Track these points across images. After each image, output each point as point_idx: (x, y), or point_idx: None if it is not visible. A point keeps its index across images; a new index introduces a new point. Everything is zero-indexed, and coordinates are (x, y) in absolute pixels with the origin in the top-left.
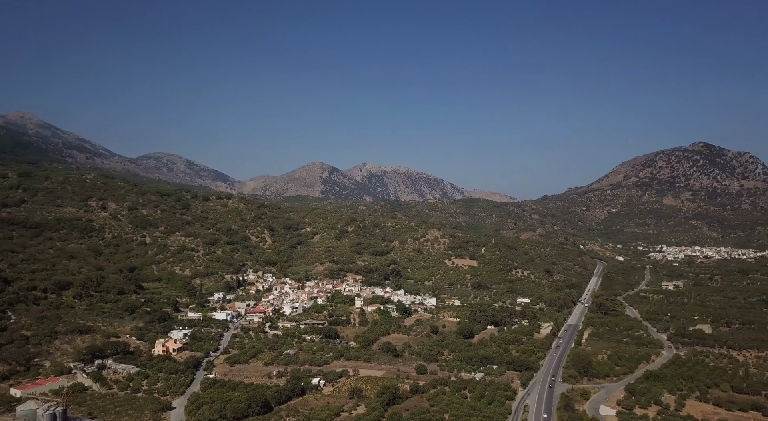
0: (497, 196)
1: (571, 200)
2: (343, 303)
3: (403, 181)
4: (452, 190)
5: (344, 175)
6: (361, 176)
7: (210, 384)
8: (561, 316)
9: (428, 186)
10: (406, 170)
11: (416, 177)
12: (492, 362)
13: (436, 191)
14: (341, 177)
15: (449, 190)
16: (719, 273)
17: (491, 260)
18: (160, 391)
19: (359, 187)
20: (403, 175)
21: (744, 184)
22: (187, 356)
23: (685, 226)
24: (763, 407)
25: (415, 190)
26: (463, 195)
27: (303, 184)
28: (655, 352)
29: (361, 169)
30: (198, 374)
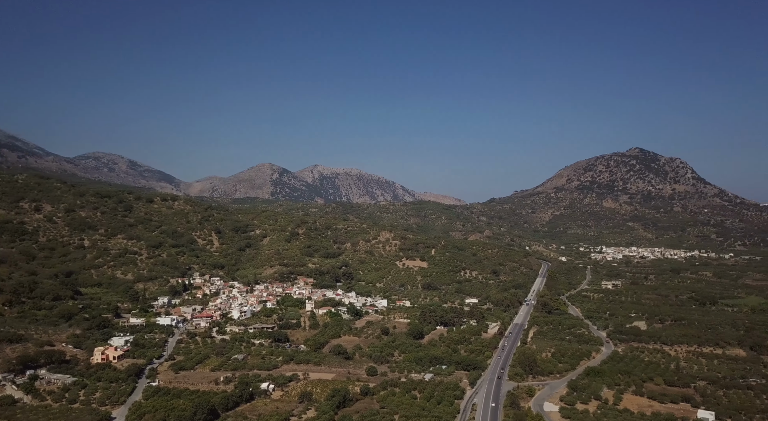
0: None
1: (517, 203)
2: (293, 306)
3: (354, 184)
4: (403, 192)
5: (295, 177)
6: (312, 178)
7: (153, 392)
8: (508, 315)
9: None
10: (358, 172)
11: (368, 179)
12: (441, 362)
13: (387, 193)
14: (292, 178)
15: (400, 192)
16: (654, 272)
17: (441, 261)
18: (98, 401)
19: (310, 189)
20: (355, 178)
21: (675, 188)
22: (129, 364)
23: (623, 227)
24: (692, 398)
25: (366, 193)
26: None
27: (252, 186)
28: (596, 349)
29: (313, 170)
30: (140, 383)
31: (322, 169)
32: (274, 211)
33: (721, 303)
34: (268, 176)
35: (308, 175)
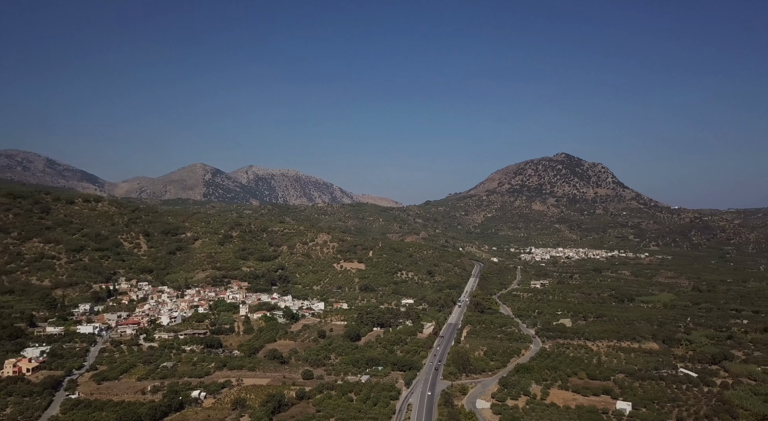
0: (384, 201)
1: (452, 205)
2: (226, 311)
3: (291, 185)
4: (341, 194)
5: (229, 178)
6: (247, 179)
7: (72, 405)
8: (442, 315)
9: (317, 190)
10: (295, 174)
11: (305, 181)
12: (378, 363)
13: (325, 195)
14: (225, 179)
15: (338, 194)
16: (578, 272)
17: (378, 262)
18: (9, 417)
19: (245, 190)
20: (292, 179)
21: (598, 192)
22: (45, 376)
23: (551, 229)
24: (611, 390)
25: (304, 194)
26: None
27: (183, 187)
28: (525, 346)
29: (248, 171)
30: (58, 396)
31: (257, 169)
32: (207, 213)
33: (638, 300)
34: (201, 177)
35: (243, 176)
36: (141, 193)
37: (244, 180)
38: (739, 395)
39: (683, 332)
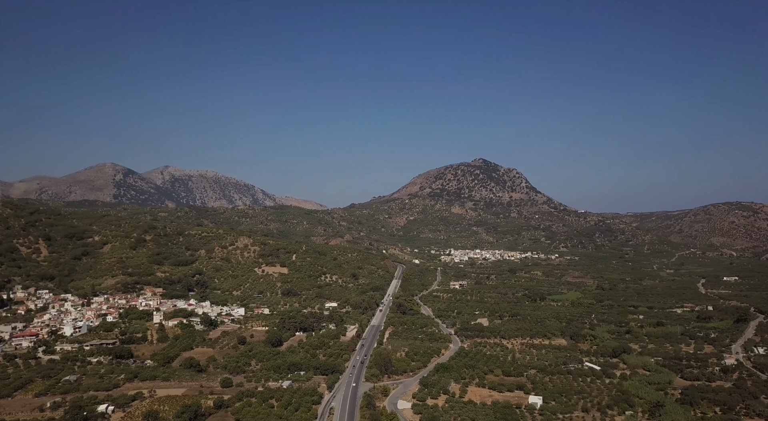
0: (308, 203)
1: (376, 208)
2: (138, 319)
3: (210, 186)
4: (264, 196)
5: (142, 179)
6: (162, 180)
7: None
8: (365, 318)
9: (238, 192)
10: (214, 175)
11: (225, 182)
12: (300, 368)
13: (246, 197)
14: (139, 180)
15: (260, 196)
16: (494, 272)
17: (302, 266)
18: None
19: (160, 192)
20: (211, 180)
21: (513, 196)
22: None
23: (469, 231)
24: (524, 386)
25: (224, 196)
26: (275, 202)
27: (91, 188)
28: (445, 346)
29: (163, 172)
30: None
31: (173, 170)
32: (117, 215)
33: (549, 299)
34: (111, 177)
35: (158, 177)
36: (41, 194)
37: (159, 181)
38: (635, 385)
39: (588, 328)
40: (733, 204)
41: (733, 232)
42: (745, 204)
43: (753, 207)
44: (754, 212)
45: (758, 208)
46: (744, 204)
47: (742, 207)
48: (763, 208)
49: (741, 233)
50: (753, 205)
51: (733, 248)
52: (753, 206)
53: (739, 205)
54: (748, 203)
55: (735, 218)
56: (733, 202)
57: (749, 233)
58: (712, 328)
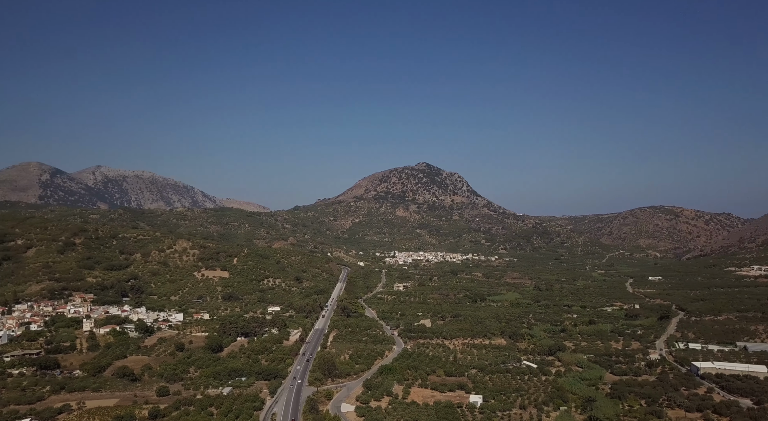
0: (251, 205)
1: (321, 211)
2: (67, 327)
3: (147, 188)
4: (204, 198)
5: (72, 179)
6: (94, 180)
7: None
8: (309, 321)
9: (177, 193)
10: (151, 176)
11: (163, 183)
12: (241, 374)
13: (185, 199)
14: (68, 181)
15: (200, 198)
16: (437, 274)
17: (243, 270)
18: None
19: (92, 193)
20: (147, 181)
21: (454, 200)
22: None
23: (413, 234)
24: (465, 385)
25: (161, 198)
26: (216, 204)
27: (13, 188)
28: (388, 347)
29: (95, 172)
30: None
31: (106, 170)
32: (44, 217)
33: (489, 299)
34: (36, 177)
35: (89, 178)
36: None
37: (91, 182)
38: (569, 382)
39: (526, 328)
40: (657, 208)
41: (657, 234)
42: (668, 208)
43: (675, 211)
44: (675, 216)
45: (679, 211)
46: (667, 208)
47: (665, 211)
48: (683, 211)
49: (664, 235)
50: (675, 209)
51: (657, 249)
52: (675, 210)
53: (663, 209)
54: (670, 207)
55: (659, 221)
56: (657, 207)
57: (672, 235)
58: (639, 325)
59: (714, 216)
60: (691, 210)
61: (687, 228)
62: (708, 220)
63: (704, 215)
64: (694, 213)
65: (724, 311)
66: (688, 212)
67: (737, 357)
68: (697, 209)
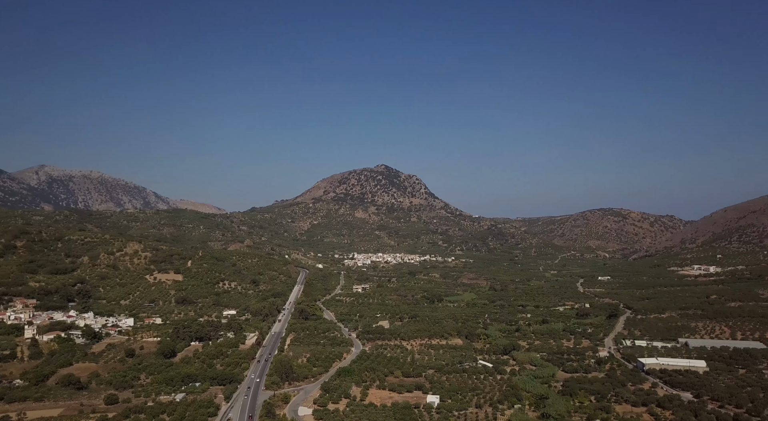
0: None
1: (278, 212)
2: (6, 335)
3: (95, 188)
4: (156, 199)
5: (13, 179)
6: (37, 180)
7: None
8: (266, 325)
9: (127, 194)
10: (100, 176)
11: (112, 184)
12: (195, 379)
13: (137, 200)
14: (8, 180)
15: (153, 199)
16: (395, 275)
17: (198, 273)
18: None
19: (35, 194)
20: (96, 181)
21: (413, 202)
22: None
23: (372, 236)
24: (423, 386)
25: (111, 199)
26: (169, 205)
27: None
28: (347, 350)
29: (38, 171)
30: None
31: (51, 170)
32: None
33: (446, 300)
34: None
35: (32, 177)
36: None
37: (34, 181)
38: (523, 380)
39: (482, 328)
40: (606, 210)
41: (606, 235)
42: (616, 210)
43: (622, 213)
44: (623, 218)
45: (626, 214)
46: (615, 210)
47: (613, 213)
48: (630, 214)
49: (613, 236)
50: (622, 212)
51: (606, 250)
52: (622, 212)
53: (611, 211)
54: (618, 209)
55: (608, 223)
56: (606, 209)
57: (619, 236)
58: (589, 324)
59: (658, 218)
60: (638, 212)
61: (633, 230)
62: (653, 222)
63: (649, 216)
64: (640, 215)
65: (667, 309)
66: (635, 214)
67: (679, 353)
68: (643, 212)
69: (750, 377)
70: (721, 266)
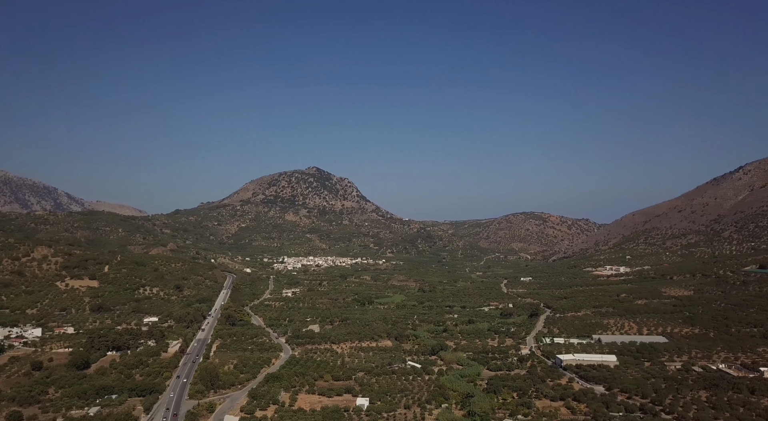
0: (125, 209)
1: (204, 215)
2: None
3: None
4: (69, 201)
5: None
6: None
7: None
8: (191, 332)
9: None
10: (4, 174)
11: (18, 183)
12: (111, 391)
13: (47, 201)
14: None
15: (65, 201)
16: (326, 278)
17: (116, 278)
18: None
19: None
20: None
21: (344, 204)
22: None
23: (303, 239)
24: (353, 389)
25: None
26: (84, 207)
27: None
28: (275, 355)
29: None
30: None
31: None
32: None
33: (376, 302)
34: None
35: None
36: None
37: None
38: (450, 380)
39: (411, 329)
40: (528, 214)
41: (528, 238)
42: (537, 214)
43: (543, 216)
44: (543, 221)
45: (547, 217)
46: (536, 214)
47: (535, 216)
48: (550, 217)
49: (534, 238)
50: (543, 215)
51: (528, 252)
52: (543, 216)
53: (533, 215)
54: (539, 213)
55: (530, 226)
56: (528, 213)
57: (540, 239)
58: (512, 323)
59: (575, 222)
60: (557, 216)
61: (553, 232)
62: (570, 225)
63: (567, 220)
64: (558, 219)
65: (583, 308)
66: (554, 218)
67: (593, 349)
68: (562, 215)
69: (654, 369)
70: (630, 266)
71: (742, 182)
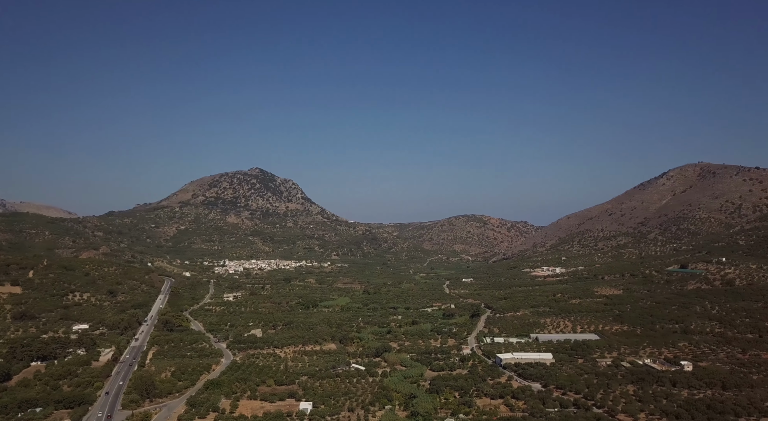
0: (53, 210)
1: (140, 217)
2: None
3: None
4: None
5: None
6: None
7: None
8: (125, 339)
9: None
10: None
11: None
12: (36, 404)
13: None
14: None
15: None
16: (270, 282)
17: (42, 284)
18: None
19: None
20: None
21: (289, 206)
22: None
23: (245, 241)
24: (296, 393)
25: None
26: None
27: None
28: (216, 361)
29: None
30: None
31: None
32: None
33: (321, 305)
34: None
35: None
36: None
37: None
38: (393, 381)
39: (356, 331)
40: (469, 216)
41: (469, 240)
42: (478, 216)
43: (483, 219)
44: (484, 224)
45: (487, 220)
46: (477, 216)
47: (476, 219)
48: (490, 220)
49: (475, 240)
50: (483, 218)
51: (469, 254)
52: (483, 218)
53: (474, 217)
54: (480, 216)
55: (471, 228)
56: (470, 215)
57: (481, 241)
58: (454, 323)
59: (514, 224)
60: (497, 219)
61: (493, 234)
62: (509, 227)
63: (506, 222)
64: (498, 221)
65: (521, 308)
66: (494, 221)
67: (531, 347)
68: (501, 218)
69: (587, 365)
70: (566, 266)
71: (665, 187)
